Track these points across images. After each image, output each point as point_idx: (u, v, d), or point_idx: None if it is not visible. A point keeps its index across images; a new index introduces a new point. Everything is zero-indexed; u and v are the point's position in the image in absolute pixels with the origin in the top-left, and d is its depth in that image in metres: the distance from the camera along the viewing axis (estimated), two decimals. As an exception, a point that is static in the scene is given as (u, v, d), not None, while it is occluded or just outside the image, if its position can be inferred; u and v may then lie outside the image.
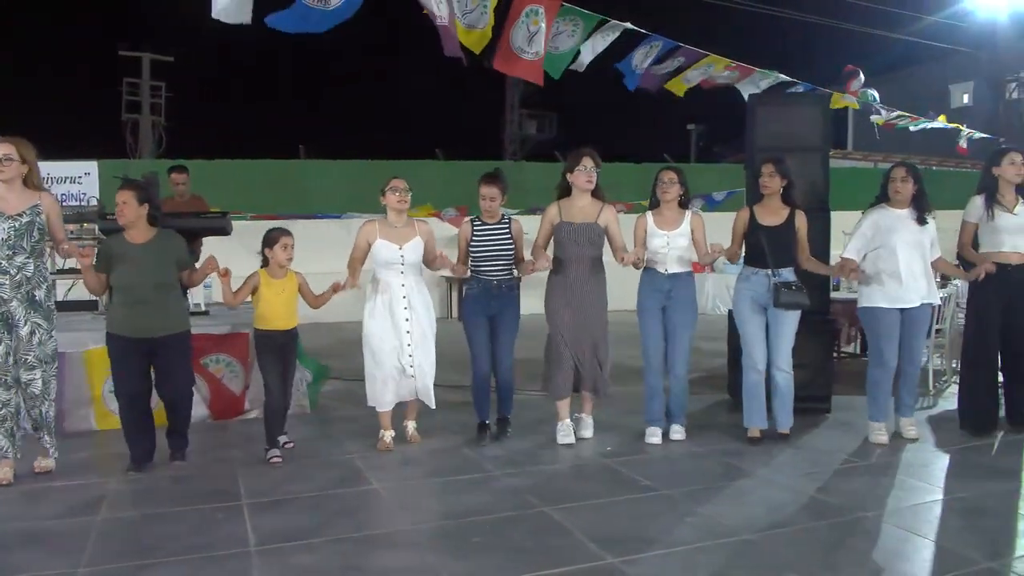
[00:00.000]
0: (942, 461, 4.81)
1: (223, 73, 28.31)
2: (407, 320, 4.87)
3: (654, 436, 5.09)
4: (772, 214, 5.07)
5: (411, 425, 5.14)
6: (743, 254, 5.18)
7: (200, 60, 25.42)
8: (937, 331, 6.61)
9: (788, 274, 4.99)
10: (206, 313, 6.03)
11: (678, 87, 8.27)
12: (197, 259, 7.44)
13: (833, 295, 6.31)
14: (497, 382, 5.18)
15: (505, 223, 5.09)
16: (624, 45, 7.22)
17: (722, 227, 5.47)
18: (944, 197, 5.48)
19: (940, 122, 12.36)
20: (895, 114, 11.45)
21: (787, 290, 4.89)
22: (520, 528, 3.67)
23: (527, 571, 3.17)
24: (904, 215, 5.04)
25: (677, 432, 5.16)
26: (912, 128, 11.70)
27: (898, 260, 4.97)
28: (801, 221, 5.06)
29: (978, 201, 5.21)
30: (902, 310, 5.01)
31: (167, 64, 22.82)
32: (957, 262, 5.50)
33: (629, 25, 6.84)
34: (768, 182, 5.02)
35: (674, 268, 5.05)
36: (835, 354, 7.11)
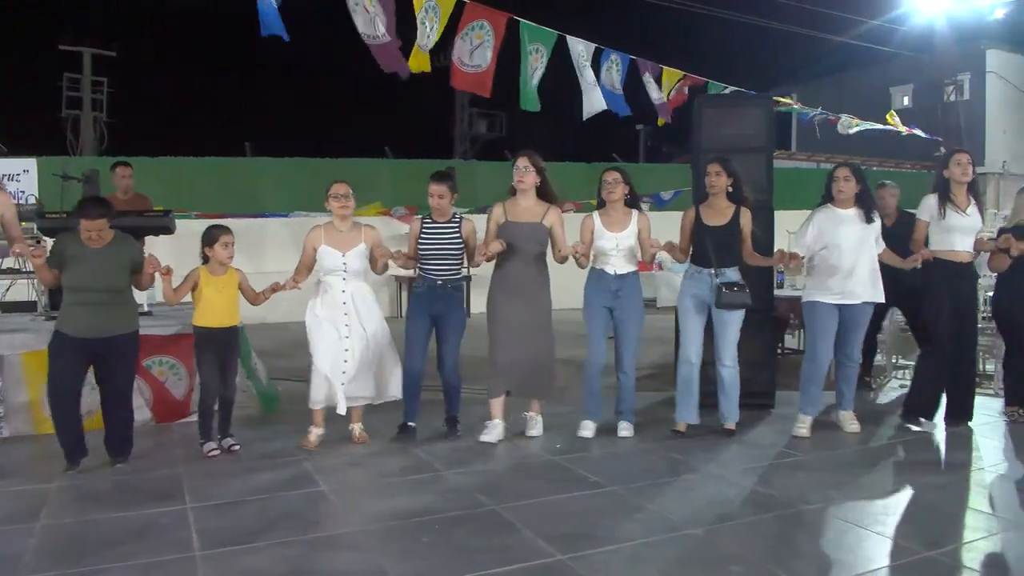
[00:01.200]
0: (884, 454, 4.93)
1: (167, 69, 27.76)
2: (346, 326, 4.86)
3: (586, 430, 5.16)
4: (717, 214, 5.13)
5: (356, 428, 5.09)
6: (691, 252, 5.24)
7: (144, 55, 24.92)
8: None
9: (732, 274, 5.04)
10: (149, 314, 5.90)
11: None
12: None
13: (777, 292, 6.42)
14: (443, 382, 5.17)
15: (455, 223, 5.09)
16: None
17: (670, 226, 5.53)
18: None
19: (880, 125, 12.67)
20: (843, 118, 11.72)
21: (729, 290, 4.95)
22: (469, 527, 3.67)
23: (476, 570, 3.17)
24: (849, 215, 5.13)
25: (625, 429, 5.21)
26: (849, 131, 11.96)
27: (844, 259, 5.05)
28: (746, 219, 5.12)
29: (931, 200, 5.31)
30: (843, 308, 5.10)
31: (109, 59, 22.32)
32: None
33: (583, 44, 6.99)
34: (715, 181, 5.08)
35: (622, 268, 5.10)
36: (779, 350, 7.26)
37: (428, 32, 6.22)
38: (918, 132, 13.34)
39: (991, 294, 6.00)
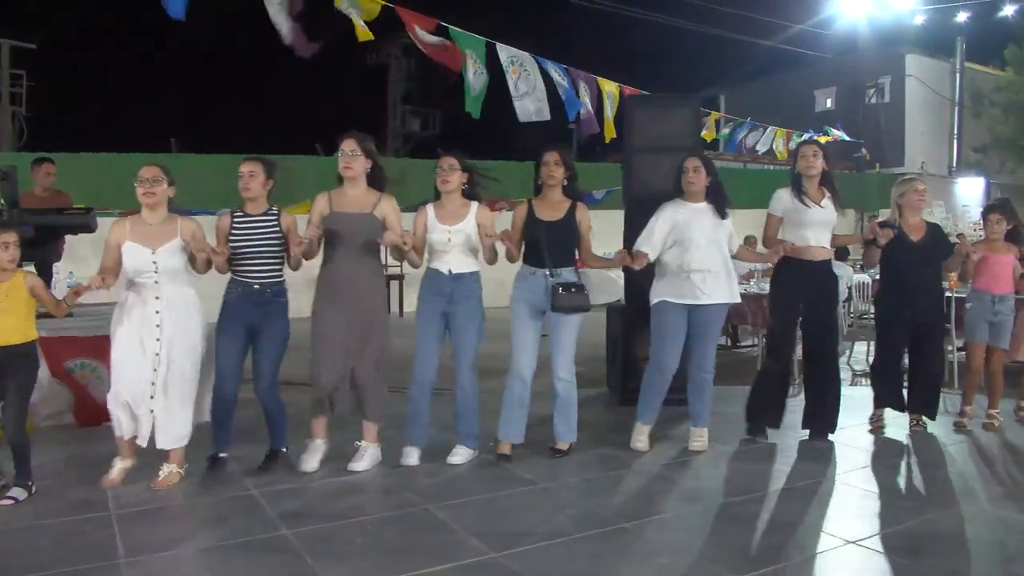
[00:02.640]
0: (805, 446, 5.06)
1: (89, 62, 26.89)
2: (157, 340, 4.10)
3: (410, 457, 4.54)
4: (552, 208, 4.68)
5: (167, 469, 4.21)
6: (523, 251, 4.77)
7: (65, 48, 24.07)
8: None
9: (568, 274, 4.62)
10: (70, 314, 5.71)
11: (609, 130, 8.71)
12: (59, 258, 7.09)
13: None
14: (263, 407, 4.48)
15: (273, 215, 4.41)
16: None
17: (602, 226, 5.57)
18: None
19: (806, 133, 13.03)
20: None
21: (566, 292, 4.51)
22: (402, 527, 3.66)
23: (408, 570, 3.16)
24: (700, 209, 4.81)
25: (458, 455, 4.63)
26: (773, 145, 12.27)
27: (695, 256, 4.73)
28: (583, 215, 4.71)
29: (782, 194, 5.07)
30: (694, 309, 4.78)
31: (29, 51, 21.50)
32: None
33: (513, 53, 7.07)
34: (553, 171, 4.63)
35: (458, 267, 4.56)
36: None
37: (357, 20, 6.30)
38: (841, 134, 13.77)
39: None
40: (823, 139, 13.74)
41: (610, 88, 8.63)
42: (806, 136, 13.13)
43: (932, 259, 5.29)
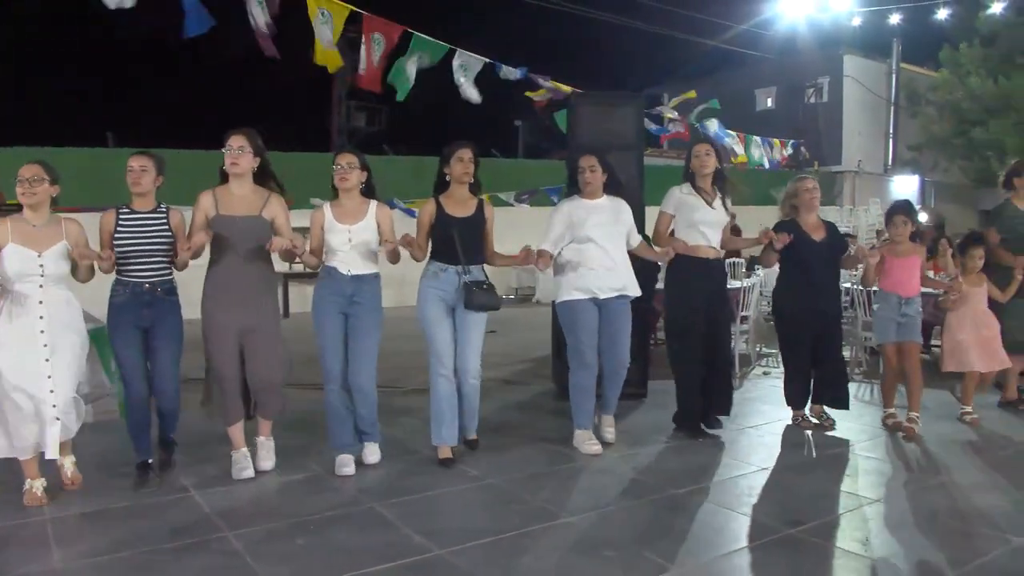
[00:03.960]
0: (747, 438, 5.16)
1: (21, 51, 26.05)
2: (46, 346, 3.90)
3: (346, 467, 4.40)
4: (461, 205, 4.64)
5: (68, 464, 4.17)
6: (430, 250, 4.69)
7: (-4, 39, 23.28)
8: (743, 318, 7.10)
9: (478, 272, 4.62)
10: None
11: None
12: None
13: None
14: (158, 406, 4.34)
15: (161, 213, 4.26)
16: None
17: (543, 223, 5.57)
18: (745, 193, 5.78)
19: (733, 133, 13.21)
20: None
21: (479, 290, 4.49)
22: (346, 526, 3.63)
23: (352, 569, 3.14)
24: (598, 205, 4.85)
25: (371, 455, 4.59)
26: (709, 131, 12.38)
27: (593, 252, 4.77)
28: (490, 213, 4.71)
29: (675, 192, 5.12)
30: (602, 303, 4.81)
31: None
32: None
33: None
34: (468, 168, 4.60)
35: (357, 268, 4.44)
36: (651, 341, 7.47)
37: (327, 31, 6.37)
38: (774, 141, 14.01)
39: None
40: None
41: (555, 86, 8.62)
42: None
43: (834, 257, 5.38)
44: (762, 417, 5.67)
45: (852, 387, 5.97)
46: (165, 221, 4.24)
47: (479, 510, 3.84)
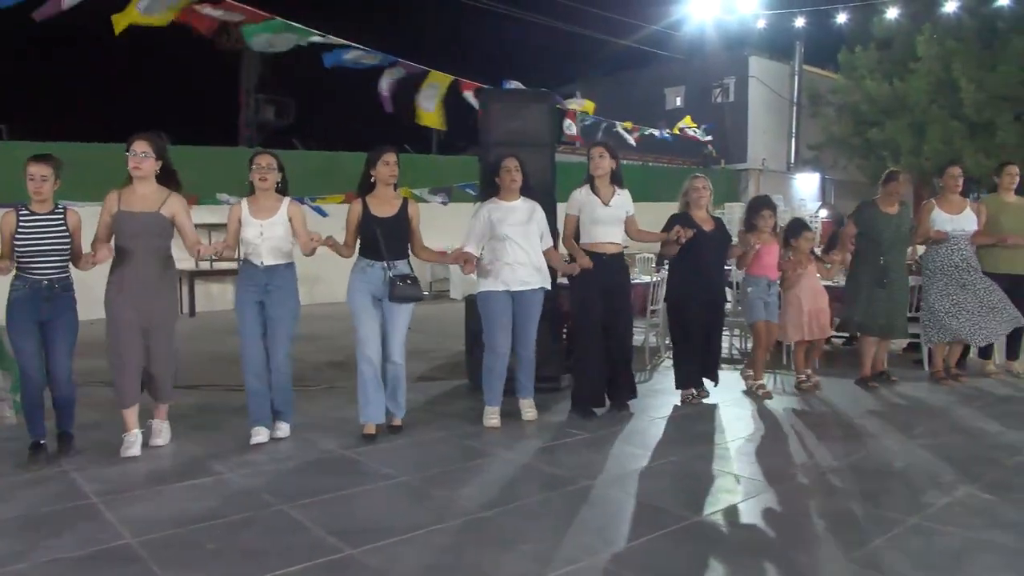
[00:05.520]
0: (655, 429, 5.28)
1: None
2: None
3: (259, 435, 4.80)
4: (386, 205, 4.98)
5: None
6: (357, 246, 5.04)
7: None
8: (652, 311, 7.24)
9: (403, 267, 4.96)
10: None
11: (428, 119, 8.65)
12: None
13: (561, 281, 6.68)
14: (54, 397, 4.55)
15: (59, 214, 4.47)
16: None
17: (459, 218, 5.60)
18: (658, 191, 5.97)
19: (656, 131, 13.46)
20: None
21: (403, 283, 4.85)
22: (255, 529, 3.55)
23: (262, 572, 3.07)
24: (514, 207, 5.24)
25: (281, 430, 4.97)
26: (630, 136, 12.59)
27: (508, 248, 5.15)
28: (414, 211, 5.05)
29: (577, 194, 5.48)
30: (516, 296, 5.19)
31: None
32: (568, 257, 5.63)
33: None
34: (394, 171, 4.95)
35: (270, 259, 4.79)
36: (564, 335, 7.56)
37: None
38: (696, 133, 14.34)
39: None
40: (676, 130, 14.27)
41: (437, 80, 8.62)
42: (658, 132, 13.59)
43: (722, 248, 5.98)
44: (671, 408, 5.80)
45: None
46: (63, 222, 4.47)
47: (392, 508, 3.81)
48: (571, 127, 10.45)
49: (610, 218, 5.44)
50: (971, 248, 6.50)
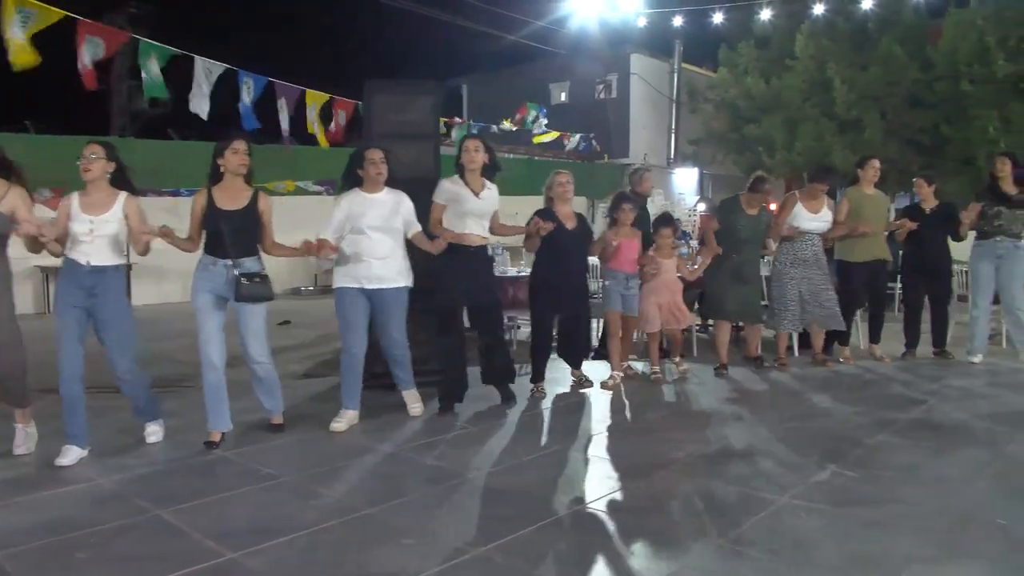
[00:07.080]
0: (537, 421, 5.39)
1: None
2: None
3: (67, 455, 4.37)
4: (232, 197, 4.68)
5: None
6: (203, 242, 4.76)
7: None
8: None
9: (251, 264, 4.68)
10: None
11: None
12: None
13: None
14: None
15: None
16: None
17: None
18: (543, 185, 6.04)
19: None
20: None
21: (250, 282, 4.60)
22: (130, 536, 3.42)
23: (137, 579, 2.98)
24: (377, 199, 5.08)
25: (153, 434, 4.82)
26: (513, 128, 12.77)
27: (366, 244, 4.99)
28: (264, 204, 4.75)
29: (445, 184, 5.47)
30: (374, 293, 5.06)
31: None
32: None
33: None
34: (244, 160, 4.69)
35: (98, 259, 4.41)
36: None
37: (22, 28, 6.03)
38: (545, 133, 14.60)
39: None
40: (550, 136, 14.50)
41: (316, 100, 8.78)
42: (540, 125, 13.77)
43: (583, 242, 6.10)
44: (552, 399, 5.94)
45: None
46: None
47: (273, 509, 3.74)
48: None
49: (479, 211, 5.46)
50: (821, 245, 6.95)
